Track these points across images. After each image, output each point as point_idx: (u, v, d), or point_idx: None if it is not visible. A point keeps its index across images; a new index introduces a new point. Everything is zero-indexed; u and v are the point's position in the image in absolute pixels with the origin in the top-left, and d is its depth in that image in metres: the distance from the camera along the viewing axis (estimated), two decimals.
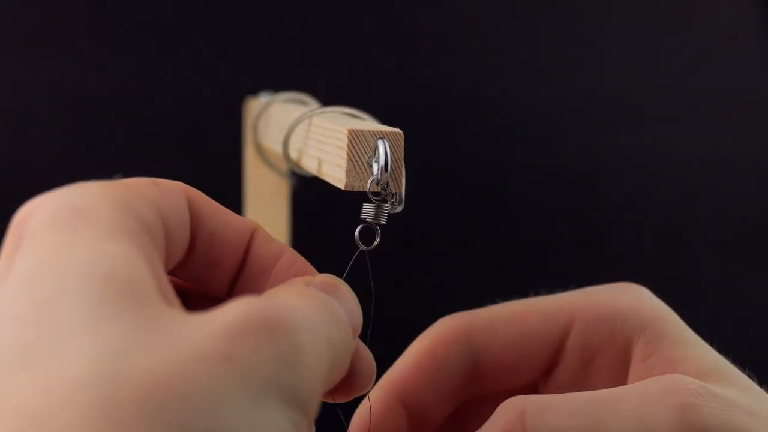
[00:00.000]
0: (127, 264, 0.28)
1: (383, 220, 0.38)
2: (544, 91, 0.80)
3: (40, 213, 0.29)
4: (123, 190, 0.31)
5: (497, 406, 0.36)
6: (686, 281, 0.82)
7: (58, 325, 0.26)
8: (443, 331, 0.41)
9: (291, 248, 0.37)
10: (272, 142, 0.53)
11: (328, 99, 0.56)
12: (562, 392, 0.36)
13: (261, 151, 0.56)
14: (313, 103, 0.54)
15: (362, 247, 0.38)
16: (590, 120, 0.80)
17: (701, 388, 0.34)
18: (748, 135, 0.82)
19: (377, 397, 0.41)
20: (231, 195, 0.68)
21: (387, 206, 0.38)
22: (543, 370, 0.41)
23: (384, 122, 0.45)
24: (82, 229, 0.28)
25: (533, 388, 0.42)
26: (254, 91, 0.62)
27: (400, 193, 0.38)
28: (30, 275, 0.28)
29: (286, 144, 0.47)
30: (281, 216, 0.61)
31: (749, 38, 0.81)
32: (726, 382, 0.37)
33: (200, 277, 0.35)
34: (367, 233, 0.38)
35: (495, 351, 0.41)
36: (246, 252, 0.36)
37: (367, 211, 0.38)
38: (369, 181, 0.37)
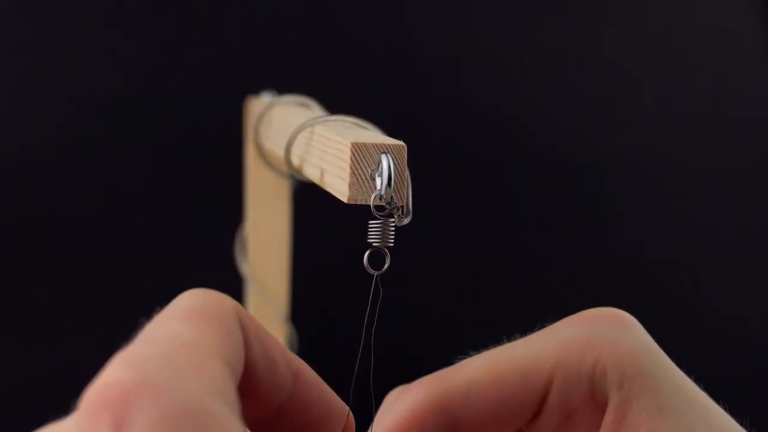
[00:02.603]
0: None
1: (390, 241, 0.37)
2: (546, 94, 0.79)
3: (146, 410, 0.28)
4: (222, 372, 0.30)
5: None
6: (687, 281, 0.82)
7: None
8: (417, 405, 0.39)
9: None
10: (274, 145, 0.52)
11: (329, 99, 0.56)
12: None
13: (262, 153, 0.56)
14: (315, 107, 0.53)
15: (372, 272, 0.37)
16: (590, 120, 0.80)
17: None
18: (749, 135, 0.82)
19: None
20: (231, 195, 0.68)
21: (393, 222, 0.37)
22: (521, 427, 0.40)
23: (385, 128, 0.44)
24: None
25: None
26: (255, 90, 0.62)
27: (407, 206, 0.37)
28: None
29: (288, 151, 0.47)
30: (282, 216, 0.61)
31: (749, 38, 0.81)
32: None
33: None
34: (377, 254, 0.37)
35: (473, 419, 0.39)
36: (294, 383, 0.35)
37: (374, 233, 0.37)
38: (372, 196, 0.37)
